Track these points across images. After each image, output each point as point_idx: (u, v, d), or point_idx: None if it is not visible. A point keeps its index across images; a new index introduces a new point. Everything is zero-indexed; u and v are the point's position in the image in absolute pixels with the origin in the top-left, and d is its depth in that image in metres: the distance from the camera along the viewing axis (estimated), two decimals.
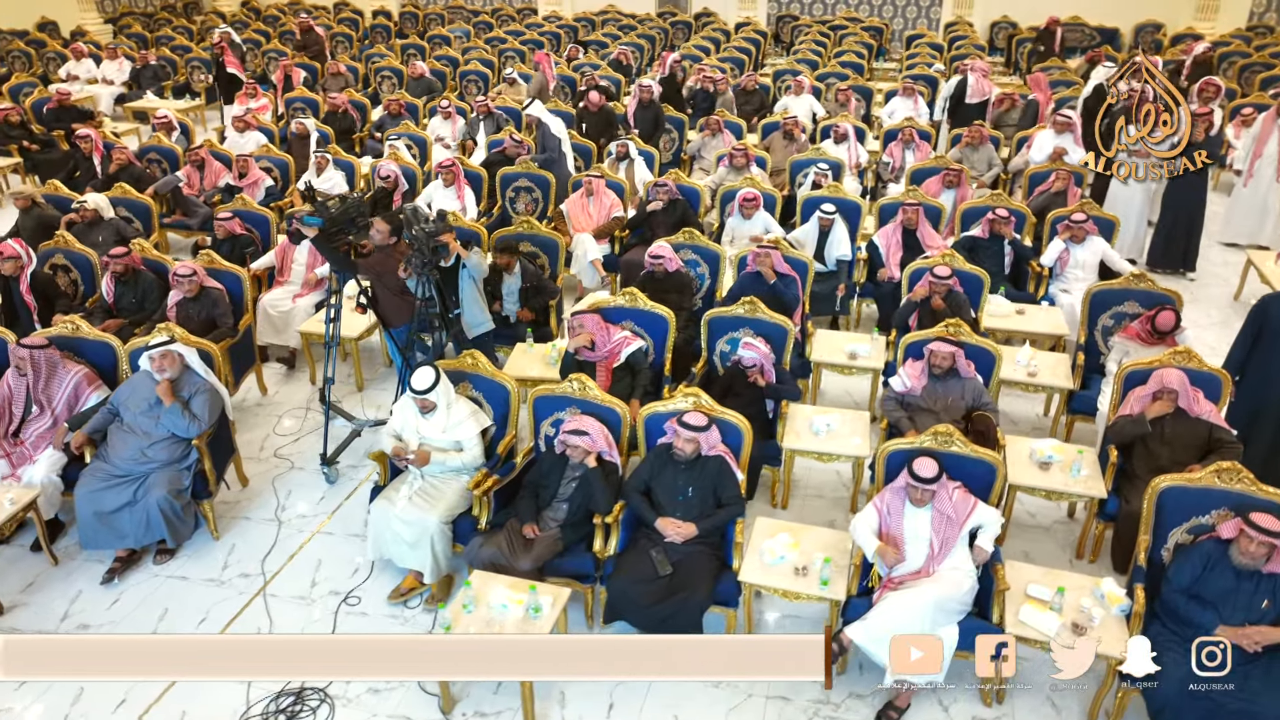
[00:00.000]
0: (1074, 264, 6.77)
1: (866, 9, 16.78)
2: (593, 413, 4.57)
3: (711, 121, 9.54)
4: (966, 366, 5.03)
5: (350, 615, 4.53)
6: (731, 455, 4.38)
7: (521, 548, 4.31)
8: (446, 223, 5.18)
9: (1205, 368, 4.81)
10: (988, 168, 8.74)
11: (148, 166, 8.98)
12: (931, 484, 3.87)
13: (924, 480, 3.86)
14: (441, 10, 17.84)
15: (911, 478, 3.89)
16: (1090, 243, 6.72)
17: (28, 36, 15.44)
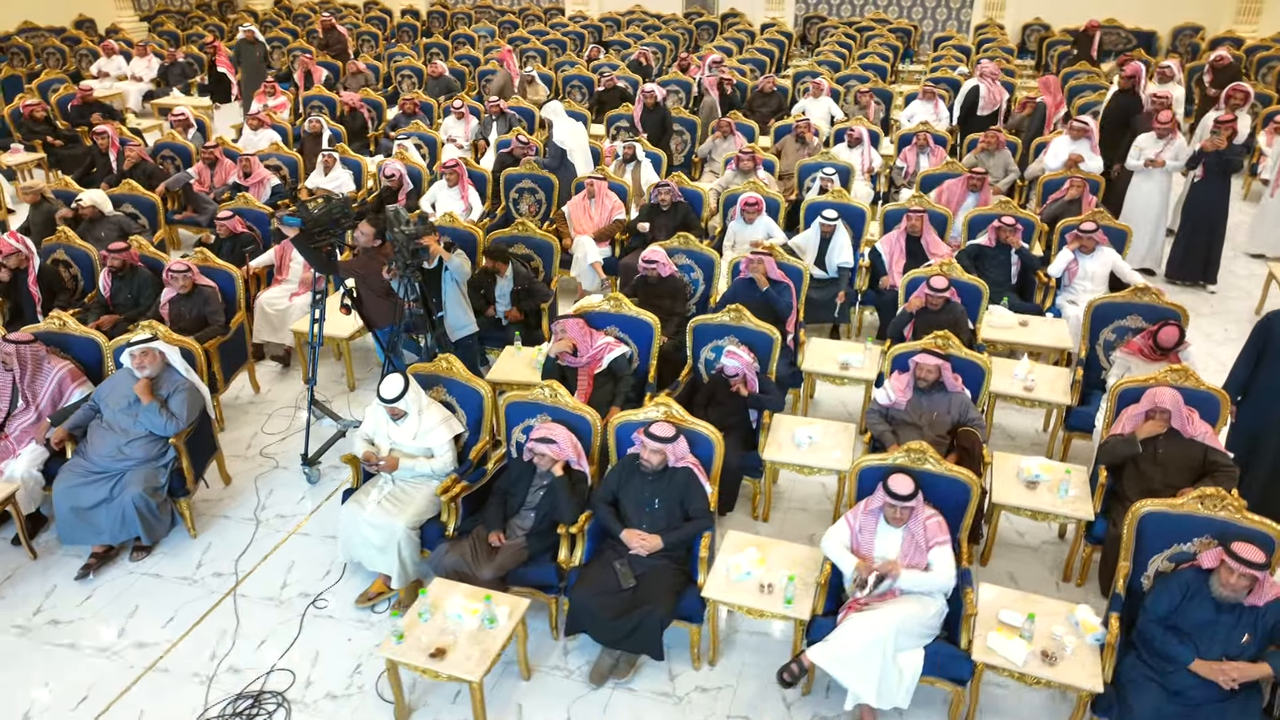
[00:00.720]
0: (1083, 275, 6.56)
1: (895, 10, 16.53)
2: (563, 420, 4.50)
3: (723, 124, 9.44)
4: (953, 380, 4.88)
5: (317, 618, 4.51)
6: (701, 467, 4.28)
7: (485, 556, 4.25)
8: (428, 225, 5.15)
9: (1202, 386, 4.63)
10: (1004, 174, 8.54)
11: (161, 163, 9.10)
12: (909, 501, 3.75)
13: (901, 498, 3.74)
14: (469, 10, 17.90)
15: (888, 495, 3.77)
16: (1100, 253, 6.52)
17: (64, 33, 15.76)
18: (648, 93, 9.60)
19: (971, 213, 7.18)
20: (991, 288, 6.66)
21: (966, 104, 9.92)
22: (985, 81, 9.84)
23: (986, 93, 9.84)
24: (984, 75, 9.93)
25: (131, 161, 8.74)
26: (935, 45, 14.77)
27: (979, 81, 9.91)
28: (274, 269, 6.89)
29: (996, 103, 9.94)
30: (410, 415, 4.55)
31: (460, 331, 5.57)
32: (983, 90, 9.81)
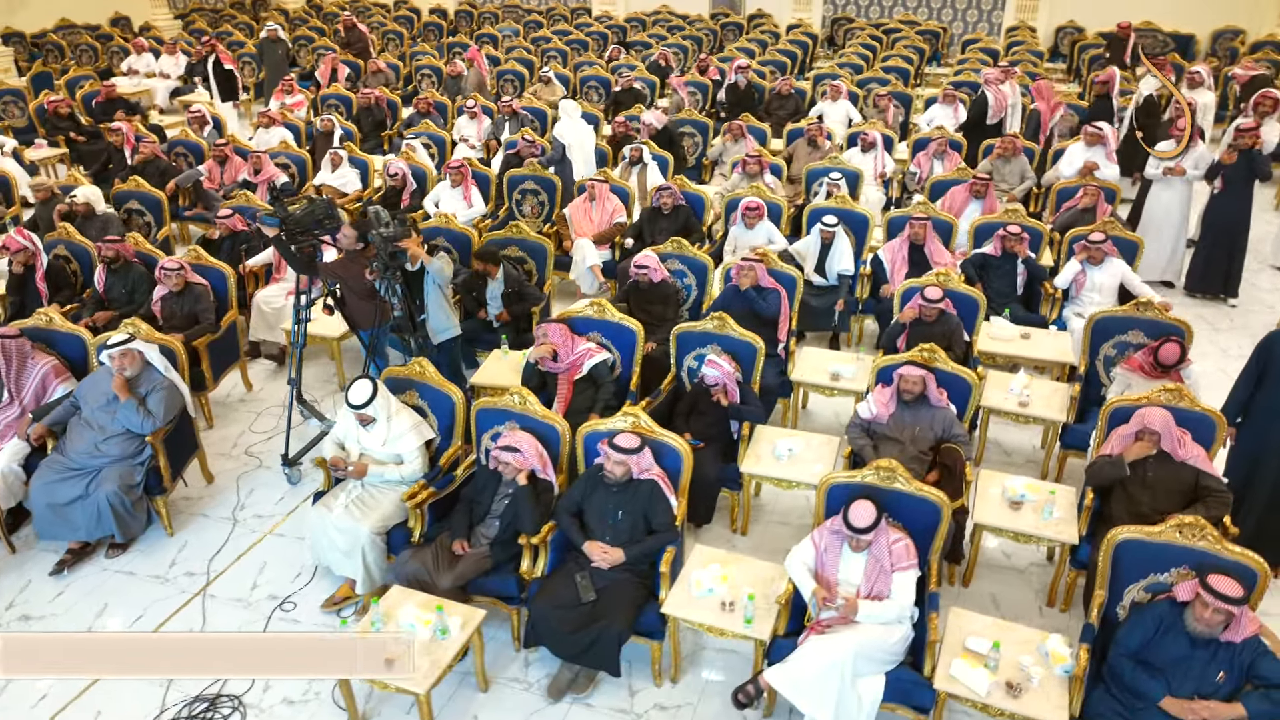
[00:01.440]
0: (1090, 286, 6.34)
1: (925, 13, 16.24)
2: (531, 428, 4.43)
3: (734, 126, 9.32)
4: (938, 395, 4.74)
5: (283, 621, 4.49)
6: (667, 480, 4.19)
7: (447, 564, 4.20)
8: (406, 228, 5.11)
9: (1197, 407, 4.43)
10: (1020, 180, 8.31)
11: (175, 160, 9.19)
12: (865, 534, 3.62)
13: (857, 530, 3.61)
14: (496, 9, 17.92)
15: (846, 526, 3.64)
16: (1109, 264, 6.29)
17: (98, 30, 16.04)
18: (646, 125, 9.43)
19: (977, 221, 6.99)
20: (996, 298, 6.52)
21: (974, 114, 9.70)
22: (990, 88, 9.65)
23: (994, 100, 9.64)
24: (988, 82, 9.74)
25: (144, 158, 8.86)
26: (963, 48, 14.50)
27: (984, 88, 9.70)
28: (272, 267, 6.91)
29: (1003, 109, 9.75)
30: (379, 421, 4.51)
31: (442, 334, 5.53)
32: (990, 99, 9.62)
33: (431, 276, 5.40)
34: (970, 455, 4.66)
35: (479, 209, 8.05)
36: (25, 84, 12.53)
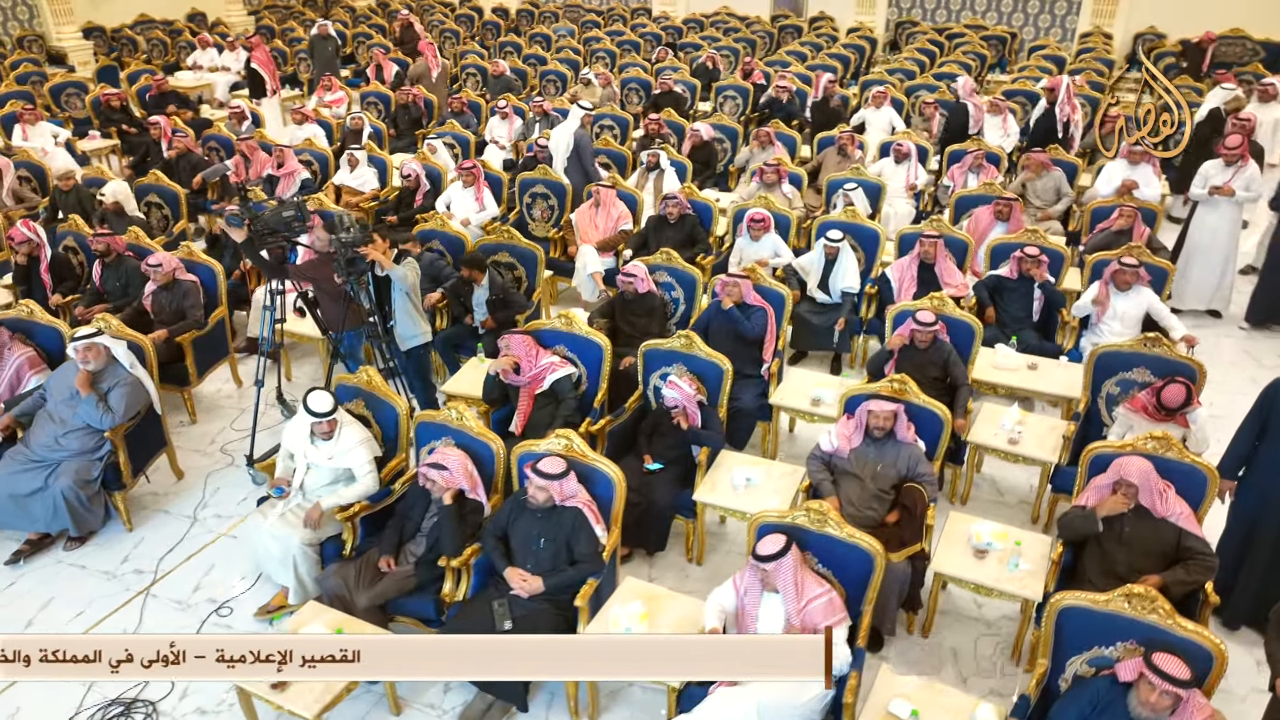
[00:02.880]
0: (1112, 314, 5.87)
1: (994, 16, 15.57)
2: (465, 445, 4.29)
3: (760, 133, 9.02)
4: (905, 430, 4.42)
5: (216, 626, 4.45)
6: (595, 508, 3.98)
7: (368, 582, 4.09)
8: (367, 233, 5.01)
9: (1186, 458, 4.02)
10: (1056, 198, 7.82)
11: (208, 154, 9.37)
12: (768, 563, 3.37)
13: (761, 559, 3.37)
14: (557, 9, 17.90)
15: (752, 555, 3.40)
16: (1136, 293, 5.81)
17: (171, 26, 16.58)
18: (694, 133, 9.19)
19: (995, 241, 6.58)
20: (1010, 324, 6.14)
21: (955, 123, 9.41)
22: (971, 99, 9.45)
23: (974, 110, 9.39)
24: (968, 94, 9.51)
25: (177, 152, 9.05)
26: (1029, 55, 13.83)
27: (965, 99, 9.46)
28: None
29: (981, 121, 9.46)
30: (334, 432, 4.43)
31: (410, 341, 5.43)
32: (971, 109, 9.37)
33: (395, 283, 5.31)
34: (934, 497, 4.33)
35: (491, 211, 7.96)
36: (90, 76, 13.01)
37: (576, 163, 7.94)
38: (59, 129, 10.31)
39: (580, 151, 8.10)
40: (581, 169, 8.09)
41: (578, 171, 7.90)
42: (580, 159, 8.11)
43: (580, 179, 7.88)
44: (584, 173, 8.01)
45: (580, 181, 7.87)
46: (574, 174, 7.83)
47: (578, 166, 7.99)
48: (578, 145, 8.05)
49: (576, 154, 8.08)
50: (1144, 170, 7.36)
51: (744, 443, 5.59)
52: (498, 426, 5.18)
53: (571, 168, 7.82)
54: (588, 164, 8.13)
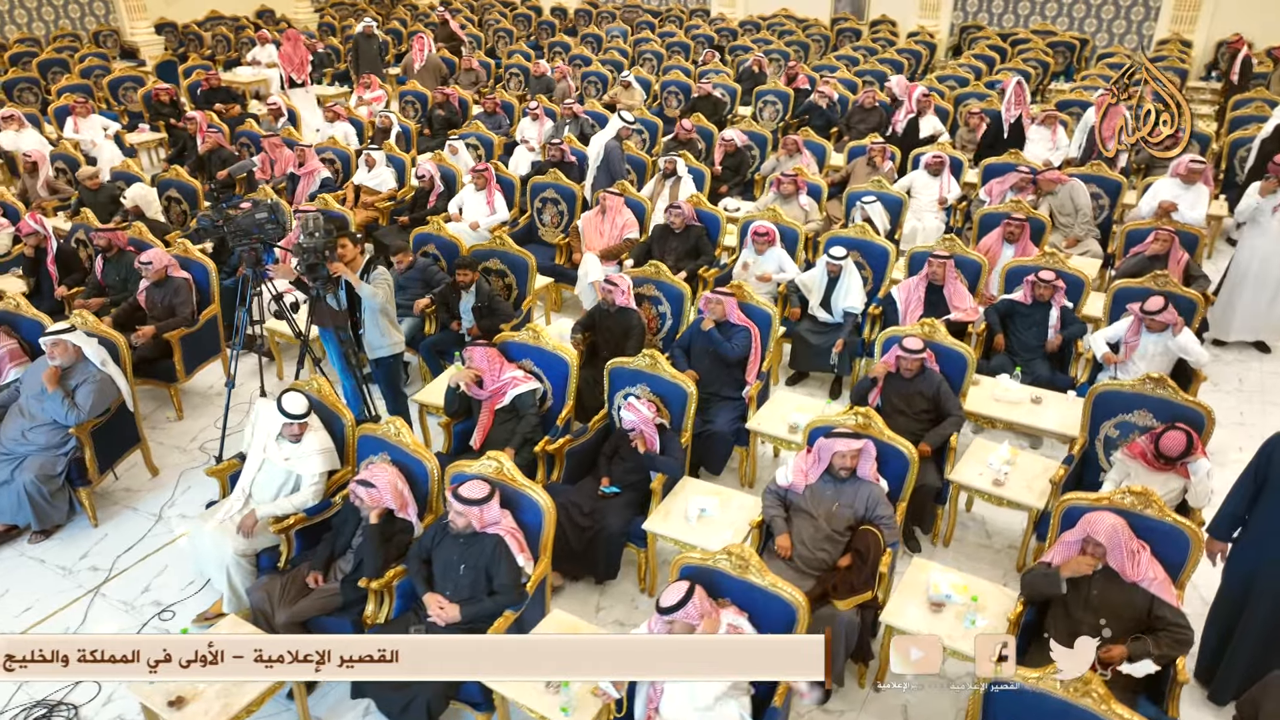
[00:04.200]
0: (1142, 352, 5.40)
1: (1065, 22, 14.83)
2: (400, 462, 4.16)
3: (788, 141, 8.69)
4: (866, 468, 4.12)
5: (156, 631, 4.42)
6: (519, 536, 3.80)
7: (292, 598, 3.99)
8: (332, 240, 4.91)
9: (1166, 517, 3.63)
10: (1075, 211, 7.31)
11: (239, 150, 9.51)
12: (670, 614, 3.14)
13: (664, 610, 3.14)
14: (614, 9, 17.76)
15: (657, 609, 3.17)
16: (1171, 334, 5.32)
17: (238, 22, 17.00)
18: (726, 140, 8.91)
19: (1010, 264, 6.16)
20: (1021, 352, 5.77)
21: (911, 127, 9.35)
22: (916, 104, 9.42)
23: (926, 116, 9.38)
24: (901, 91, 9.58)
25: (208, 147, 9.21)
26: (1096, 63, 13.13)
27: (900, 98, 9.55)
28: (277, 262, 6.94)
29: (937, 126, 9.41)
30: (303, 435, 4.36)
31: (378, 351, 5.31)
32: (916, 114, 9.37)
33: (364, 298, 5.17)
34: (892, 541, 4.02)
35: (501, 215, 7.86)
36: (150, 70, 13.40)
37: (605, 172, 7.69)
38: (110, 122, 10.59)
39: (609, 161, 7.87)
40: (609, 178, 7.86)
41: (606, 181, 7.64)
42: (609, 169, 7.89)
43: (606, 184, 7.61)
44: (611, 183, 7.75)
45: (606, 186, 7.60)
46: (601, 183, 7.57)
47: (606, 176, 7.74)
48: (607, 155, 7.81)
49: (606, 163, 7.86)
50: (1195, 190, 6.82)
51: (720, 468, 5.35)
52: (460, 440, 5.05)
53: (600, 176, 7.59)
54: (617, 175, 7.89)
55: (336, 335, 5.31)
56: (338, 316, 5.18)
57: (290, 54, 11.72)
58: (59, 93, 11.33)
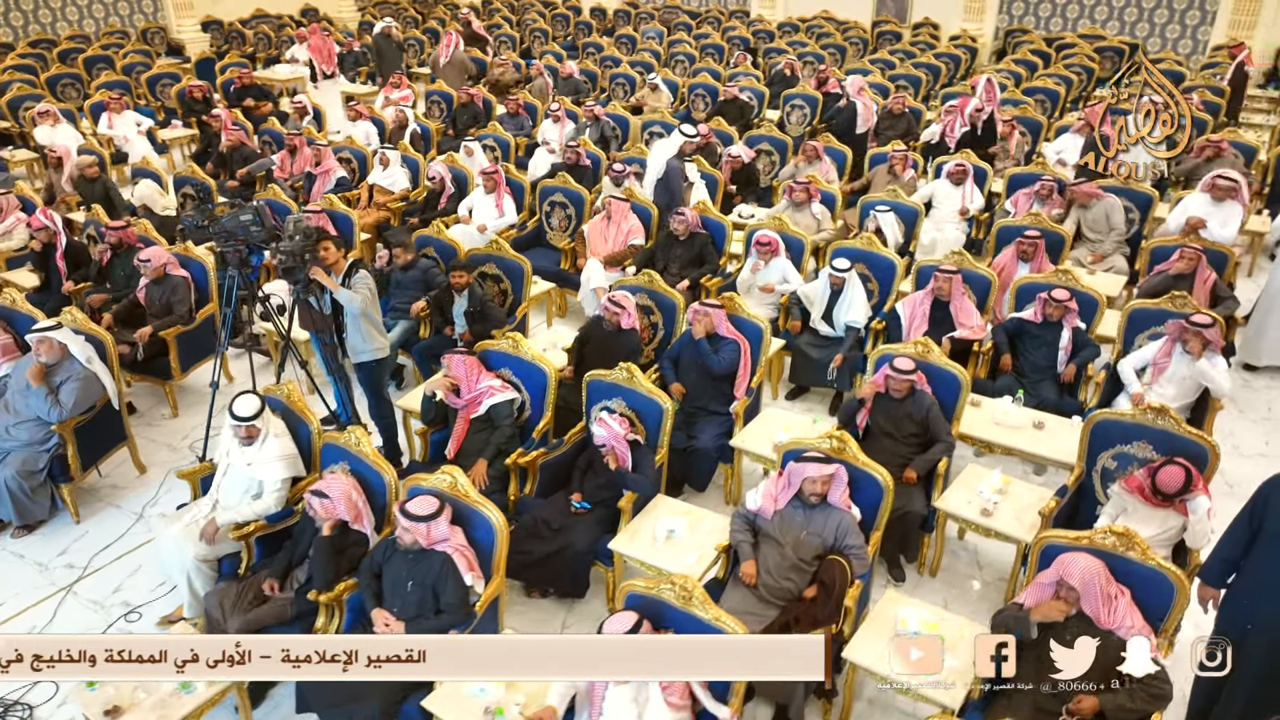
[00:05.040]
0: (1169, 377, 5.12)
1: (1116, 26, 14.32)
2: (358, 472, 4.08)
3: (808, 147, 8.49)
4: (840, 495, 3.93)
5: (121, 632, 4.40)
6: (469, 554, 3.70)
7: (245, 607, 3.94)
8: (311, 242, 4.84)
9: (1150, 560, 3.38)
10: (1108, 230, 6.99)
11: (262, 148, 9.58)
12: None
13: None
14: (653, 9, 17.62)
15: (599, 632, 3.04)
16: (1208, 359, 5.01)
17: (280, 20, 17.23)
18: (733, 156, 8.67)
19: (1021, 280, 5.89)
20: (1031, 373, 5.54)
21: (843, 120, 9.56)
22: (860, 97, 9.63)
23: (863, 109, 9.57)
24: (860, 91, 9.71)
25: (230, 144, 9.29)
26: None
27: (854, 97, 9.62)
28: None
29: (871, 119, 9.65)
30: (256, 438, 4.32)
31: (360, 355, 5.23)
32: (859, 107, 9.54)
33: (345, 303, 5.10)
34: (861, 573, 3.83)
35: (510, 218, 7.79)
36: (189, 67, 13.62)
37: (665, 189, 7.45)
38: (143, 118, 10.77)
39: (668, 179, 7.48)
40: (670, 196, 7.49)
41: (666, 198, 7.40)
42: (668, 186, 7.51)
43: (665, 204, 7.34)
44: (672, 201, 7.42)
45: (665, 207, 7.32)
46: (662, 200, 7.36)
47: (666, 193, 7.47)
48: (667, 173, 7.54)
49: (665, 180, 7.57)
50: (1226, 207, 6.48)
51: (705, 485, 5.20)
52: (437, 449, 4.97)
53: (660, 193, 7.42)
54: (675, 194, 7.51)
55: (320, 338, 5.26)
56: (320, 320, 5.14)
57: (319, 46, 11.84)
58: (98, 89, 11.55)
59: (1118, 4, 14.31)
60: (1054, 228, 6.56)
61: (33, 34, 15.18)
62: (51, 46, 14.20)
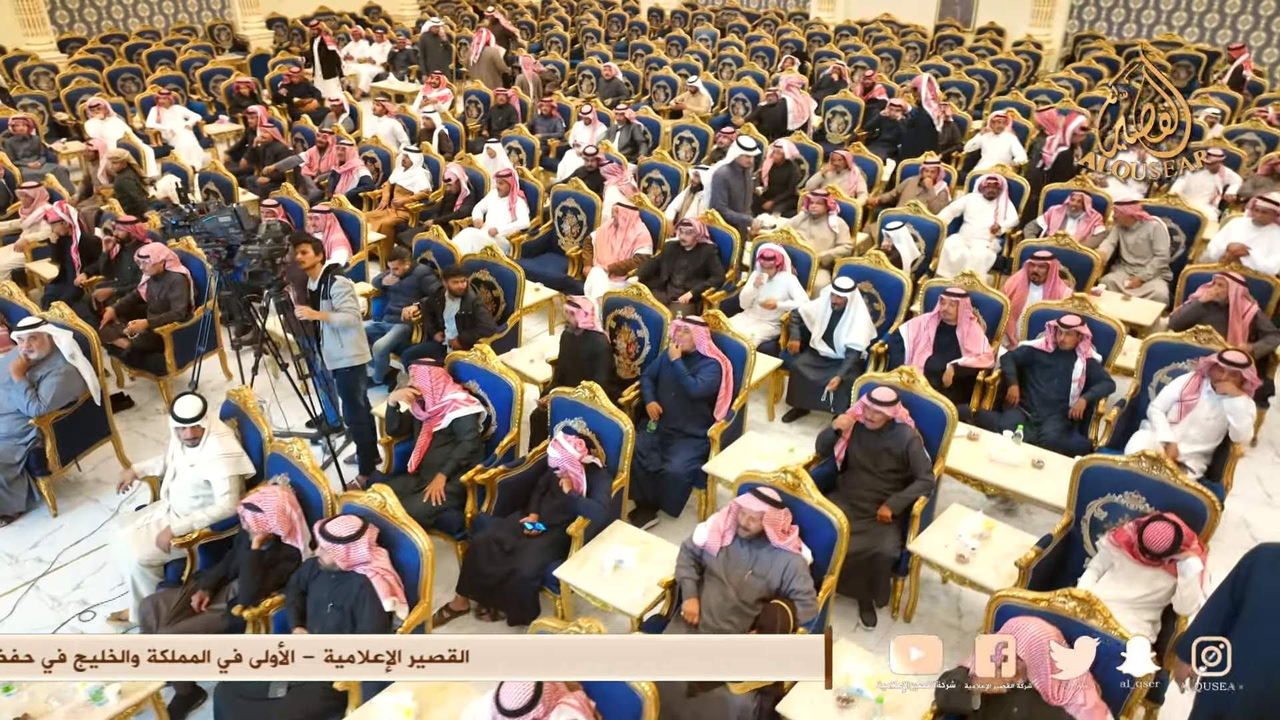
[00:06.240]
0: (1195, 418, 4.71)
1: (1195, 33, 13.51)
2: (297, 484, 3.98)
3: (836, 157, 8.17)
4: (782, 536, 3.68)
5: (74, 630, 4.40)
6: (391, 577, 3.56)
7: (175, 615, 3.88)
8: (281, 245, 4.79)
9: (1113, 630, 3.05)
10: (1151, 255, 6.52)
11: (294, 145, 9.67)
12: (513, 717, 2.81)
13: (507, 713, 2.81)
14: (711, 11, 17.35)
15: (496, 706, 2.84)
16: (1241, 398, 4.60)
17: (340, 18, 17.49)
18: (776, 149, 8.40)
19: (1033, 306, 5.50)
20: (1040, 406, 5.21)
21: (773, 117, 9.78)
22: (790, 93, 10.00)
23: (794, 105, 9.89)
24: (789, 88, 10.07)
25: (262, 141, 9.40)
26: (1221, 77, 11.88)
27: (785, 95, 9.98)
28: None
29: (804, 116, 9.95)
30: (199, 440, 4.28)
31: (335, 361, 5.14)
32: (790, 103, 9.87)
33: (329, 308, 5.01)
34: (807, 620, 3.57)
35: (522, 222, 7.69)
36: (245, 63, 13.90)
37: (724, 199, 7.33)
38: (192, 113, 11.00)
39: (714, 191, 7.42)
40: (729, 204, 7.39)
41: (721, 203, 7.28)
42: (729, 196, 7.40)
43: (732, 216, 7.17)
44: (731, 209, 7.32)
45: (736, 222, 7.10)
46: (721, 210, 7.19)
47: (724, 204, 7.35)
48: (714, 185, 7.41)
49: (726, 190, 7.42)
50: (1271, 233, 5.97)
51: (678, 510, 4.99)
52: (402, 460, 4.86)
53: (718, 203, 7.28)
54: (738, 206, 7.41)
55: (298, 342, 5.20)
56: (296, 324, 5.08)
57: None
58: (153, 84, 11.85)
59: (1198, 9, 13.52)
60: (1081, 249, 6.14)
61: (105, 29, 15.70)
62: (122, 42, 14.64)
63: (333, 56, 12.20)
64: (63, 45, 14.63)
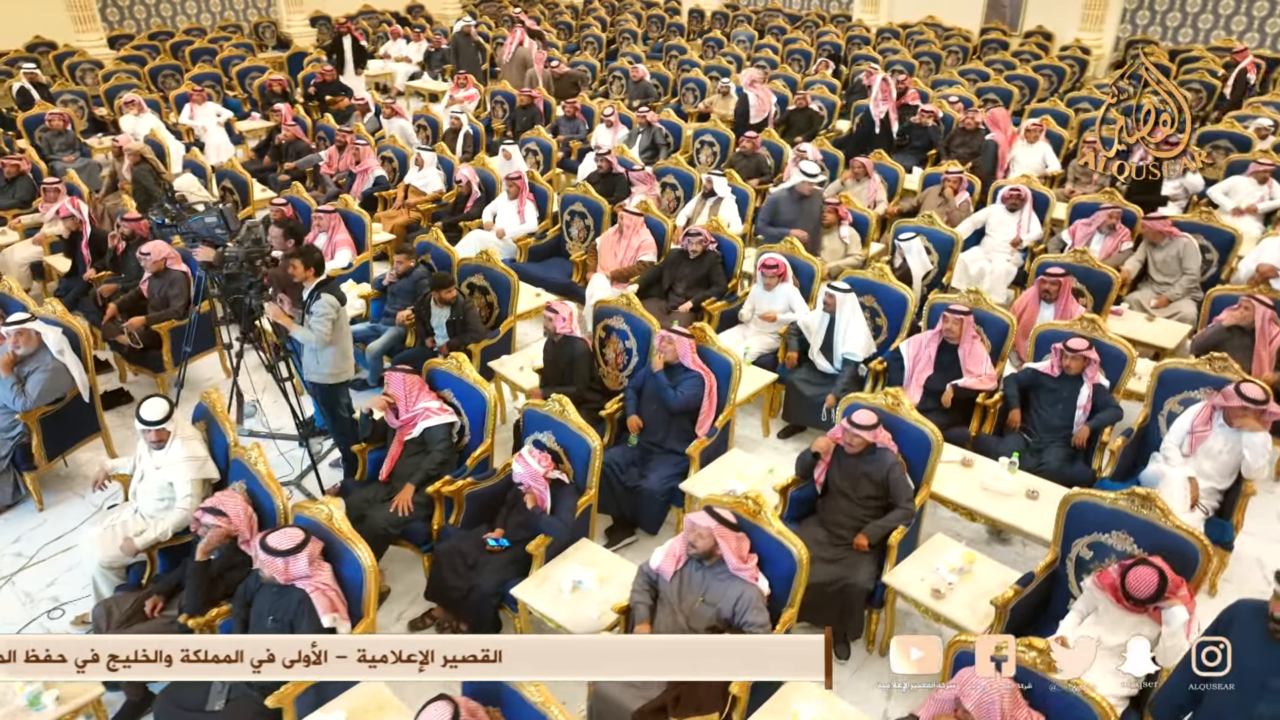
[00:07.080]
0: (1209, 450, 4.42)
1: (1255, 38, 12.91)
2: (253, 492, 3.92)
3: (856, 164, 7.93)
4: (740, 563, 3.51)
5: (42, 628, 4.41)
6: (332, 592, 3.47)
7: (126, 620, 3.85)
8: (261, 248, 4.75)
9: (1075, 686, 2.83)
10: (1181, 273, 6.17)
11: (316, 144, 9.72)
12: None
13: None
14: (752, 12, 17.10)
15: None
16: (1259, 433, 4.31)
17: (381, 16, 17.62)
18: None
19: (1041, 327, 5.23)
20: (1043, 432, 4.97)
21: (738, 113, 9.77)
22: (753, 89, 9.97)
23: (755, 100, 9.83)
24: (752, 84, 10.10)
25: (285, 139, 9.46)
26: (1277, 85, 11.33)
27: (747, 89, 9.98)
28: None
29: (765, 110, 9.87)
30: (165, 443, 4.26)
31: (309, 375, 5.05)
32: (752, 99, 9.82)
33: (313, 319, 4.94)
34: None
35: (530, 225, 7.59)
36: (282, 60, 14.06)
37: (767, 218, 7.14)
38: (225, 109, 11.14)
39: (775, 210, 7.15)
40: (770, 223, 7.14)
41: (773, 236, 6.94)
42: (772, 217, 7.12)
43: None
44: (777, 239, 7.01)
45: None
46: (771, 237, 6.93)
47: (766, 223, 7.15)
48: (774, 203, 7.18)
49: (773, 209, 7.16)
50: None
51: (655, 527, 4.85)
52: (374, 467, 4.79)
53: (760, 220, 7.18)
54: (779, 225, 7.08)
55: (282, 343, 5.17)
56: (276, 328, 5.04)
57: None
58: (190, 80, 12.03)
59: (1258, 13, 12.93)
60: (1100, 266, 5.84)
61: (154, 26, 16.02)
62: (168, 39, 14.92)
63: (363, 52, 12.24)
64: (112, 42, 14.95)
